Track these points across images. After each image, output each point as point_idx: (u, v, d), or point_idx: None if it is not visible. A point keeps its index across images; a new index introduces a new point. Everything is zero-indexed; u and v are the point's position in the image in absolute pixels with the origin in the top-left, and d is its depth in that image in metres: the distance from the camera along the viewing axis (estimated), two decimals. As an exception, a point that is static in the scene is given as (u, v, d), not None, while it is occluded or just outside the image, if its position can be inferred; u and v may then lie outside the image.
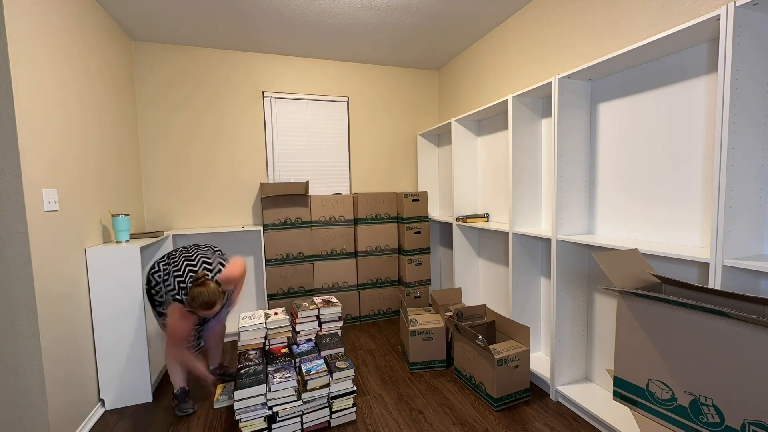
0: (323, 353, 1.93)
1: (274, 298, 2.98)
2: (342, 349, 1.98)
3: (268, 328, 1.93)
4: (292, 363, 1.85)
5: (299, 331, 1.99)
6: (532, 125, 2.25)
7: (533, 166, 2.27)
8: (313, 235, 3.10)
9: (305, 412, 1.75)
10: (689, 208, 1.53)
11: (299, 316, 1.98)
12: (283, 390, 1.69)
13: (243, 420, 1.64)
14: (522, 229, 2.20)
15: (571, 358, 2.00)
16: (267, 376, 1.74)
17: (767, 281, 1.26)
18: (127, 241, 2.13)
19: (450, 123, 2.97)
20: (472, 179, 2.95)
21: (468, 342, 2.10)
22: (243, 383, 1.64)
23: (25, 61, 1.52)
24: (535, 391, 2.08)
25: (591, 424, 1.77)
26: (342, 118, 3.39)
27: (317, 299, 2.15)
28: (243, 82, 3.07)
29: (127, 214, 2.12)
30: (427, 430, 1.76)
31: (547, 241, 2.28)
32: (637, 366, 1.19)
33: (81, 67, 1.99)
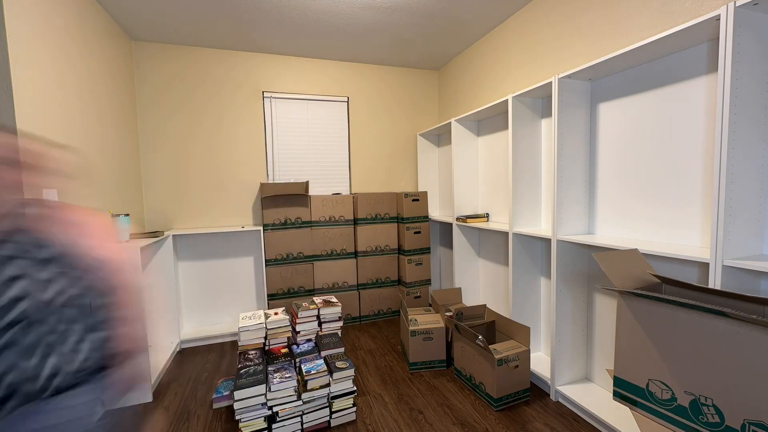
0: (323, 353, 1.93)
1: (274, 298, 2.98)
2: (342, 349, 1.98)
3: (268, 328, 1.93)
4: (292, 363, 1.85)
5: (299, 331, 1.99)
6: (532, 125, 2.25)
7: (533, 166, 2.27)
8: (313, 235, 3.10)
9: (305, 412, 1.75)
10: (689, 208, 1.53)
11: (299, 316, 1.98)
12: (283, 390, 1.70)
13: (243, 420, 1.65)
14: (522, 229, 2.20)
15: (571, 358, 2.00)
16: (267, 376, 1.74)
17: (767, 281, 1.26)
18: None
19: (450, 123, 2.97)
20: (472, 179, 2.95)
21: (468, 342, 2.10)
22: (243, 383, 1.64)
23: (25, 61, 1.52)
24: (535, 391, 2.08)
25: (591, 424, 1.77)
26: (342, 118, 3.39)
27: (317, 299, 2.15)
28: (243, 82, 3.07)
29: (127, 214, 2.12)
30: (427, 430, 1.76)
31: (547, 241, 2.28)
32: (637, 366, 1.19)
33: (81, 67, 1.99)
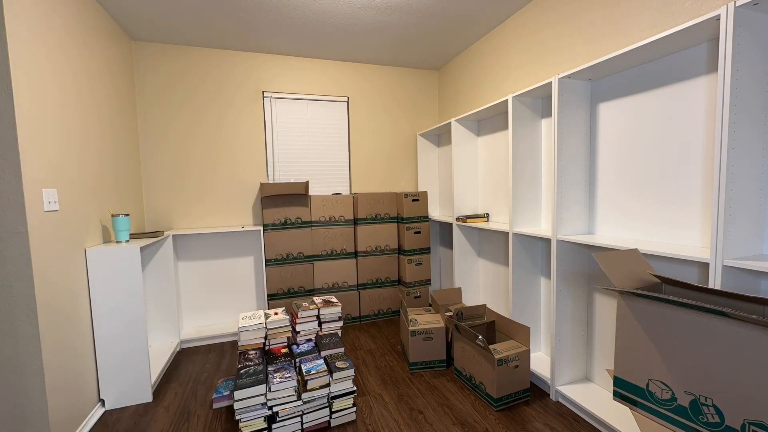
0: (323, 353, 1.93)
1: (274, 298, 2.98)
2: (342, 349, 1.98)
3: (268, 328, 1.93)
4: (292, 363, 1.85)
5: (299, 331, 1.99)
6: (532, 125, 2.25)
7: (533, 166, 2.26)
8: (313, 235, 3.10)
9: (305, 412, 1.75)
10: (689, 208, 1.53)
11: (299, 316, 1.98)
12: (283, 390, 1.70)
13: (243, 420, 1.65)
14: (522, 229, 2.20)
15: (571, 358, 2.00)
16: (267, 376, 1.74)
17: (767, 281, 1.26)
18: (127, 241, 2.13)
19: (450, 123, 2.97)
20: (472, 179, 2.95)
21: (468, 342, 2.10)
22: (243, 383, 1.64)
23: (25, 61, 1.52)
24: (535, 391, 2.08)
25: (591, 424, 1.77)
26: (342, 118, 3.39)
27: (317, 299, 2.15)
28: (243, 82, 3.07)
29: (127, 214, 2.12)
30: (427, 430, 1.76)
31: (547, 241, 2.28)
32: (637, 366, 1.19)
33: (81, 67, 1.99)
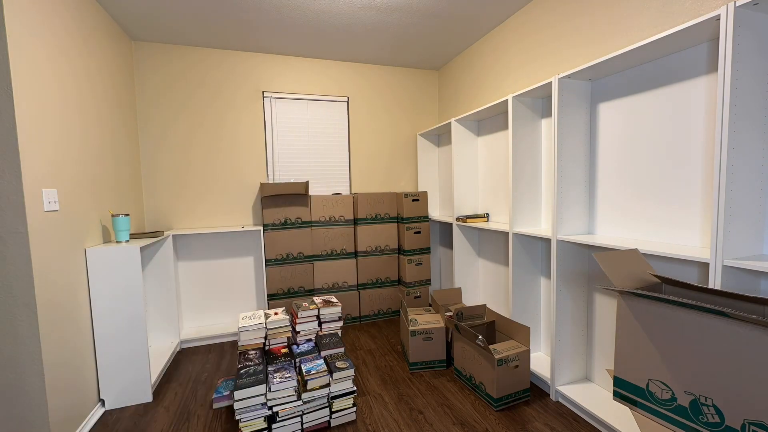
0: (323, 353, 1.93)
1: (274, 298, 2.98)
2: (342, 349, 1.98)
3: (268, 328, 1.93)
4: (292, 363, 1.85)
5: (299, 331, 1.99)
6: (532, 125, 2.25)
7: (533, 166, 2.26)
8: (313, 235, 3.10)
9: (305, 412, 1.75)
10: (689, 208, 1.53)
11: (299, 316, 1.98)
12: (283, 390, 1.70)
13: (243, 420, 1.65)
14: (522, 229, 2.20)
15: (571, 358, 2.00)
16: (267, 376, 1.74)
17: (767, 281, 1.26)
18: (127, 241, 2.13)
19: (450, 123, 2.97)
20: (472, 179, 2.95)
21: (468, 342, 2.10)
22: (243, 383, 1.64)
23: (25, 61, 1.52)
24: (535, 391, 2.08)
25: (591, 424, 1.77)
26: (342, 118, 3.39)
27: (317, 299, 2.15)
28: (243, 82, 3.07)
29: (127, 214, 2.12)
30: (427, 430, 1.76)
31: (547, 241, 2.28)
32: (637, 366, 1.19)
33: (81, 67, 1.99)
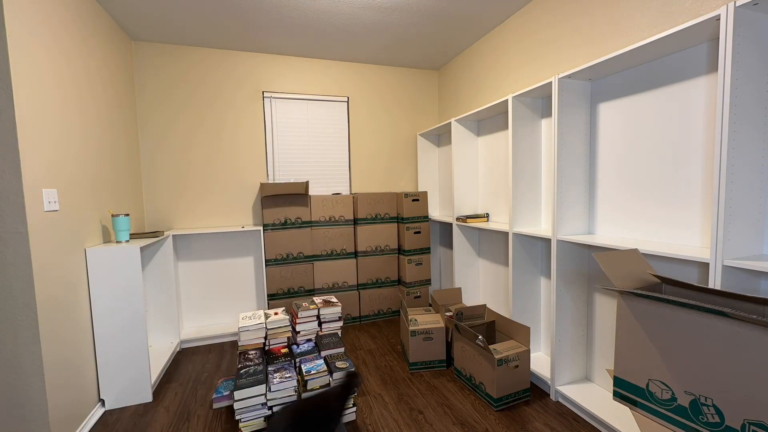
0: (323, 353, 1.93)
1: (274, 298, 2.98)
2: (342, 349, 1.98)
3: (268, 328, 1.93)
4: (292, 363, 1.85)
5: (299, 331, 1.99)
6: (532, 125, 2.25)
7: (533, 166, 2.26)
8: (313, 235, 3.10)
9: (305, 412, 1.75)
10: (689, 208, 1.52)
11: (299, 316, 1.98)
12: (283, 390, 1.70)
13: (243, 420, 1.65)
14: (522, 229, 2.20)
15: (571, 358, 2.00)
16: (267, 376, 1.74)
17: (767, 281, 1.26)
18: (127, 241, 2.13)
19: (450, 123, 2.97)
20: (472, 179, 2.95)
21: (468, 342, 2.10)
22: (243, 383, 1.64)
23: (24, 61, 1.52)
24: (535, 391, 2.08)
25: (591, 424, 1.77)
26: (342, 118, 3.39)
27: (317, 299, 2.15)
28: (243, 82, 3.07)
29: (127, 214, 2.12)
30: (427, 430, 1.76)
31: (547, 241, 2.28)
32: (637, 366, 1.19)
33: (81, 67, 1.99)
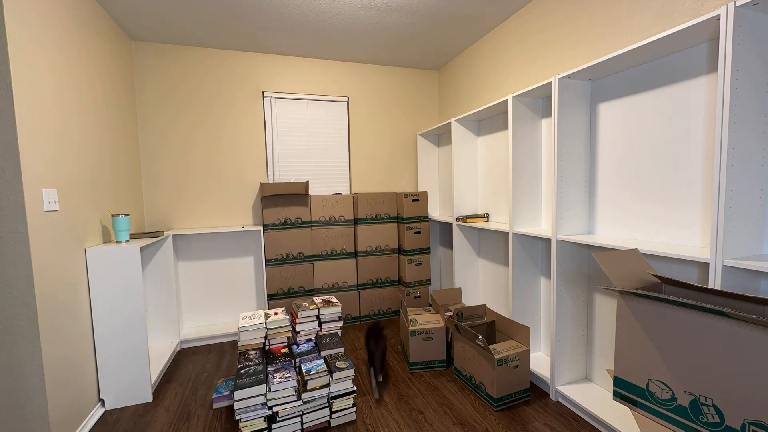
0: (323, 353, 1.93)
1: (274, 298, 2.98)
2: (342, 349, 1.98)
3: (268, 328, 1.93)
4: (292, 363, 1.85)
5: (299, 331, 1.99)
6: (532, 125, 2.25)
7: (533, 166, 2.26)
8: (313, 235, 3.10)
9: (305, 412, 1.75)
10: (689, 208, 1.52)
11: (299, 316, 1.98)
12: (283, 390, 1.70)
13: (243, 420, 1.65)
14: (522, 229, 2.20)
15: (571, 358, 2.00)
16: (267, 376, 1.74)
17: (767, 281, 1.26)
18: (127, 241, 2.13)
19: (450, 123, 2.97)
20: (472, 179, 2.95)
21: (468, 342, 2.10)
22: (243, 383, 1.64)
23: (24, 61, 1.52)
24: (535, 391, 2.08)
25: (591, 424, 1.77)
26: (342, 118, 3.39)
27: (317, 299, 2.15)
28: (243, 82, 3.07)
29: (127, 214, 2.12)
30: (427, 430, 1.76)
31: (547, 241, 2.28)
32: (637, 366, 1.19)
33: (80, 67, 1.99)
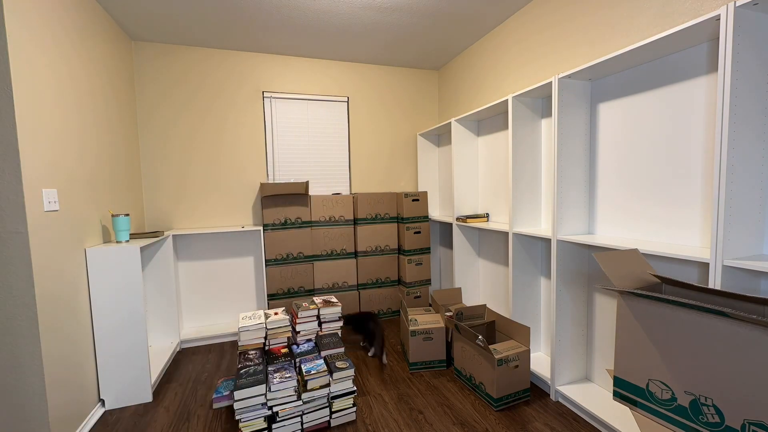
0: (323, 353, 1.93)
1: (274, 298, 2.98)
2: (342, 349, 1.98)
3: (268, 328, 1.93)
4: (292, 363, 1.85)
5: (299, 331, 1.99)
6: (532, 125, 2.25)
7: (533, 166, 2.26)
8: (313, 235, 3.10)
9: (305, 412, 1.75)
10: (689, 208, 1.52)
11: (299, 316, 1.98)
12: (283, 390, 1.70)
13: (243, 420, 1.65)
14: (522, 229, 2.20)
15: (571, 358, 2.00)
16: (267, 376, 1.74)
17: (767, 281, 1.26)
18: (127, 241, 2.13)
19: (450, 123, 2.97)
20: (472, 179, 2.95)
21: (468, 342, 2.10)
22: (243, 383, 1.64)
23: (24, 62, 1.52)
24: (535, 391, 2.08)
25: (591, 424, 1.77)
26: (342, 118, 3.39)
27: (317, 299, 2.15)
28: (243, 82, 3.07)
29: (127, 214, 2.12)
30: (427, 430, 1.76)
31: (547, 241, 2.28)
32: (637, 366, 1.19)
33: (80, 67, 1.99)
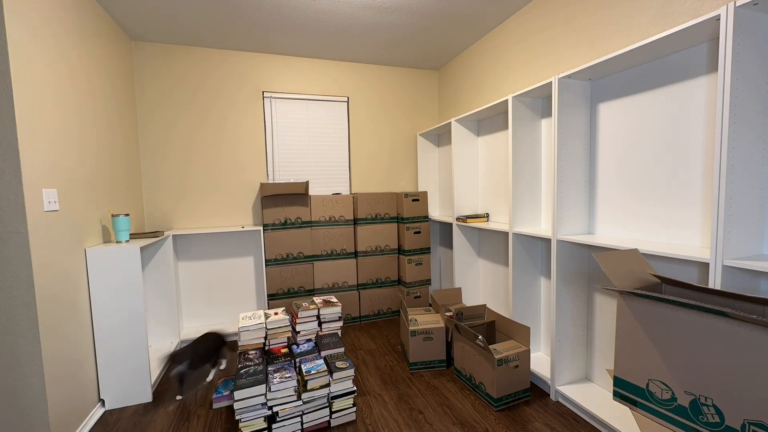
0: (323, 353, 1.93)
1: (274, 298, 2.98)
2: (342, 349, 1.98)
3: (268, 328, 1.93)
4: (292, 363, 1.85)
5: (299, 331, 1.98)
6: (532, 125, 2.25)
7: (533, 166, 2.26)
8: (313, 235, 3.10)
9: (305, 412, 1.75)
10: (689, 208, 1.52)
11: (299, 316, 1.98)
12: (283, 390, 1.70)
13: (243, 420, 1.65)
14: (522, 229, 2.20)
15: (571, 358, 2.00)
16: (267, 376, 1.74)
17: (767, 281, 1.26)
18: (127, 241, 2.13)
19: (450, 123, 2.97)
20: (472, 179, 2.95)
21: (468, 342, 2.10)
22: (243, 383, 1.64)
23: (24, 62, 1.52)
24: (535, 391, 2.08)
25: (591, 424, 1.77)
26: (342, 118, 3.39)
27: (317, 299, 2.15)
28: (243, 82, 3.07)
29: (127, 214, 2.12)
30: (427, 430, 1.76)
31: (547, 241, 2.28)
32: (637, 366, 1.19)
33: (80, 67, 1.99)
